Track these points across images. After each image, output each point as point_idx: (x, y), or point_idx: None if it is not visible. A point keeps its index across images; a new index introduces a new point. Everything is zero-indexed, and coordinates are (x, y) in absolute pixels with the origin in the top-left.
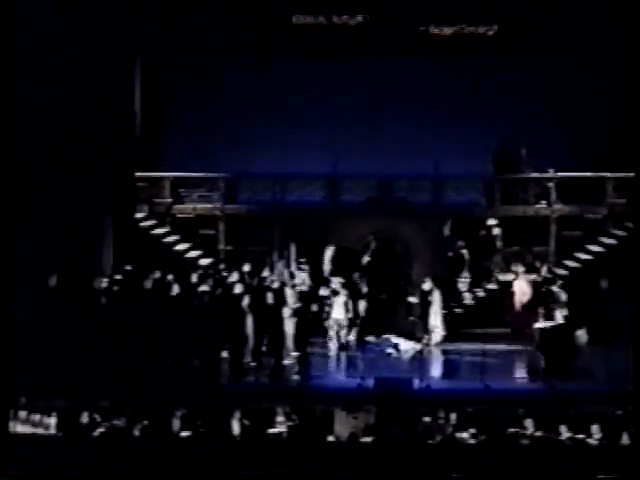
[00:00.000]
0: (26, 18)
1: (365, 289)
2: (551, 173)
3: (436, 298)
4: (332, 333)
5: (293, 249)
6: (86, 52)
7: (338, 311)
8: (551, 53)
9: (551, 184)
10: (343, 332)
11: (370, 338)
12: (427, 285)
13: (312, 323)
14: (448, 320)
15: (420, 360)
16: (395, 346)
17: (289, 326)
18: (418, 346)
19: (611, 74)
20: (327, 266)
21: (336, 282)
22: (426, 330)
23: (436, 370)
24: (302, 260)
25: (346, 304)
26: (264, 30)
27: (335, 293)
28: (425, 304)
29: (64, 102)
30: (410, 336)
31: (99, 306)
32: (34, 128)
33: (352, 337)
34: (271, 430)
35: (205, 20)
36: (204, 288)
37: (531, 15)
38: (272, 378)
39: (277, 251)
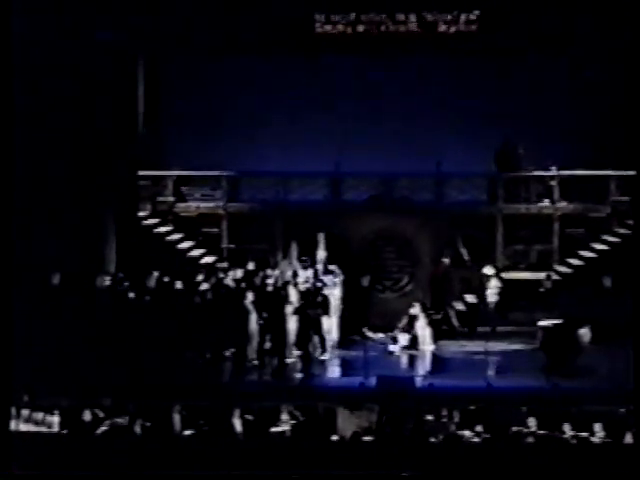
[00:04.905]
0: (27, 17)
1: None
2: (554, 171)
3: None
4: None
5: (296, 247)
6: (88, 50)
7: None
8: (552, 52)
9: (554, 182)
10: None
11: (370, 334)
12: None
13: (315, 321)
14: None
15: (421, 358)
16: (394, 339)
17: (292, 324)
18: (431, 347)
19: (611, 72)
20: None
21: (329, 280)
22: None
23: (436, 368)
24: (305, 258)
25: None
26: (265, 29)
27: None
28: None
29: (66, 101)
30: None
31: (102, 304)
32: (37, 127)
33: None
34: (274, 428)
35: (207, 19)
36: (207, 286)
37: (532, 14)
38: (275, 376)
39: (280, 249)
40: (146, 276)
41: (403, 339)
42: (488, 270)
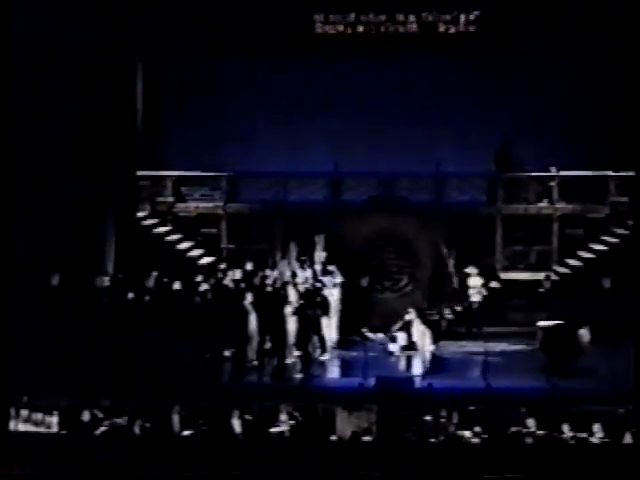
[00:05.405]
0: (27, 17)
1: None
2: (553, 172)
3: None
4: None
5: (295, 248)
6: (88, 51)
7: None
8: (552, 52)
9: (553, 183)
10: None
11: (369, 335)
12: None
13: (314, 321)
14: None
15: (420, 359)
16: (392, 338)
17: (291, 325)
18: (431, 347)
19: (611, 72)
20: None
21: (328, 280)
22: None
23: (435, 369)
24: (304, 258)
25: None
26: (265, 29)
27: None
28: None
29: (66, 101)
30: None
31: (101, 305)
32: (36, 127)
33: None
34: (273, 429)
35: (206, 19)
36: (206, 287)
37: (531, 14)
38: (274, 377)
39: (279, 250)
40: (145, 276)
41: (402, 338)
42: (471, 270)
